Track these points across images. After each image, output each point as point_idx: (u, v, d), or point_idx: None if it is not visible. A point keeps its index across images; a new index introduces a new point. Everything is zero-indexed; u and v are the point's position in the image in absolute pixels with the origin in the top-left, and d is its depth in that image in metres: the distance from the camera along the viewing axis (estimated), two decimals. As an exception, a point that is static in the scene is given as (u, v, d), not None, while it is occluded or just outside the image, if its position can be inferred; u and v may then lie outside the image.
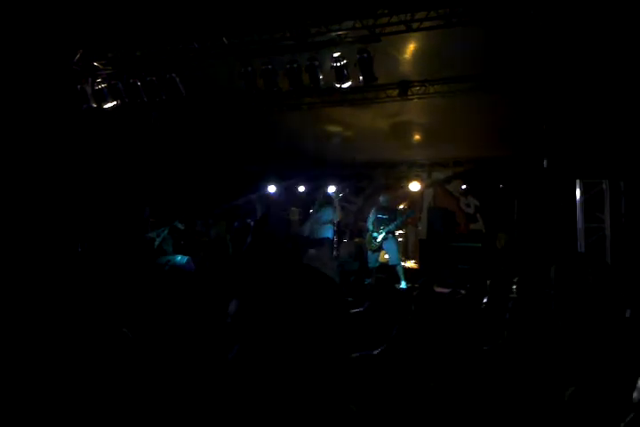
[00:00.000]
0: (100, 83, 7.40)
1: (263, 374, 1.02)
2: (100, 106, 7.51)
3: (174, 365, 2.34)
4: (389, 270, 8.68)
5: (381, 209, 9.05)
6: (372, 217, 9.08)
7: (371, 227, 8.97)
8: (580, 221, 8.12)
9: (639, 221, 7.65)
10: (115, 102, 7.49)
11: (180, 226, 8.42)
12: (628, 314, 3.67)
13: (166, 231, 8.17)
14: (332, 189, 11.12)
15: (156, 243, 8.09)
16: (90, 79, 7.37)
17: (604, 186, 8.09)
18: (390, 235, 8.73)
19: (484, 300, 4.13)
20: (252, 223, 7.69)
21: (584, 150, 7.68)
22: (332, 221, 9.54)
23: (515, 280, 6.71)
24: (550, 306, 3.96)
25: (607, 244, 7.91)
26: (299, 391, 1.01)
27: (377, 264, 8.96)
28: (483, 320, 3.78)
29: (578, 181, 8.25)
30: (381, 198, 9.22)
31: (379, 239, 8.74)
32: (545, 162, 7.98)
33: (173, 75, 7.22)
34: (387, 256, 9.14)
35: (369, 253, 8.98)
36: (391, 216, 8.90)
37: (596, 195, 8.12)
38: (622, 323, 3.10)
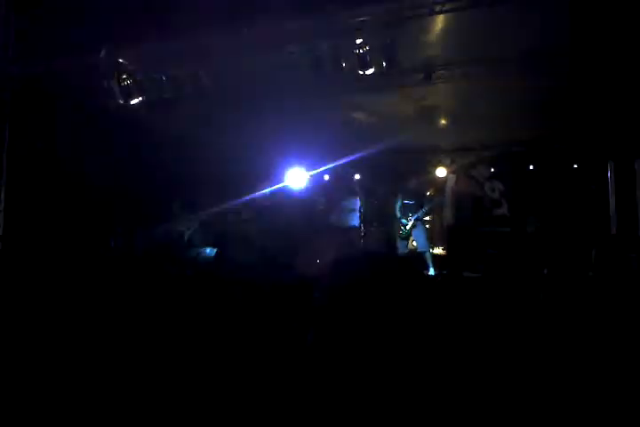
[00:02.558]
0: (126, 79, 7.42)
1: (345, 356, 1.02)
2: (127, 102, 7.53)
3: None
4: (419, 257, 8.66)
5: (407, 195, 8.99)
6: (398, 203, 9.03)
7: (398, 213, 8.93)
8: (612, 202, 8.00)
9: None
10: (140, 98, 7.52)
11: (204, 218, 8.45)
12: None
13: (197, 224, 8.24)
14: (356, 176, 11.06)
15: (187, 236, 8.16)
16: (116, 75, 7.39)
17: (635, 166, 7.95)
18: (419, 222, 8.68)
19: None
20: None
21: (615, 131, 7.53)
22: (358, 210, 9.52)
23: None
24: (591, 289, 3.92)
25: (640, 224, 7.78)
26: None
27: (406, 251, 8.93)
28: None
29: (609, 162, 8.12)
30: (409, 184, 9.16)
31: (408, 226, 8.70)
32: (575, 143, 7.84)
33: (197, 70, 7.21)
34: (415, 243, 9.10)
35: (398, 240, 8.95)
36: (418, 202, 8.84)
37: (628, 175, 7.99)
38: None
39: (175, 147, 9.15)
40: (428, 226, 10.15)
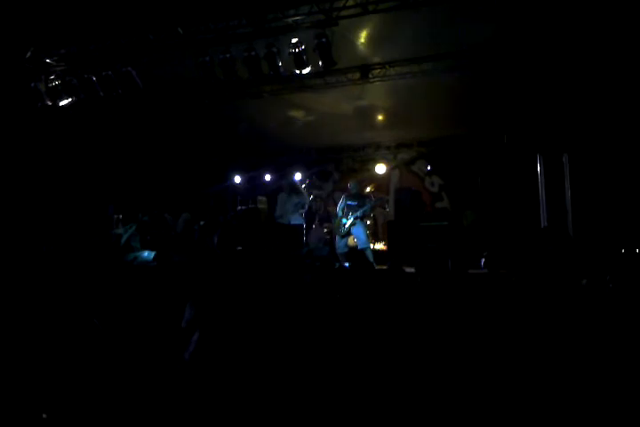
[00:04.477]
0: (53, 80, 7.19)
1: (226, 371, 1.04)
2: (55, 103, 7.31)
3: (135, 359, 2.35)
4: (359, 254, 8.75)
5: (351, 196, 9.07)
6: (341, 204, 9.10)
7: (340, 213, 9.01)
8: (542, 194, 8.35)
9: (597, 193, 7.90)
10: (70, 99, 7.30)
11: (145, 218, 8.28)
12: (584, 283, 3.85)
13: (134, 227, 8.06)
14: (298, 175, 11.10)
15: (123, 239, 7.98)
16: (43, 77, 7.15)
17: (563, 159, 8.32)
18: (358, 220, 8.77)
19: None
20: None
21: (542, 125, 7.85)
22: (301, 208, 9.55)
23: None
24: (520, 281, 4.08)
25: (569, 216, 8.17)
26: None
27: (346, 249, 9.01)
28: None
29: (538, 155, 8.45)
30: (350, 185, 9.23)
31: (347, 225, 8.80)
32: (505, 138, 8.12)
33: (129, 68, 7.07)
34: (355, 240, 9.21)
35: (337, 238, 9.03)
36: (360, 202, 8.93)
37: (556, 168, 8.36)
38: (579, 293, 3.24)
39: (109, 150, 8.94)
40: (369, 222, 10.29)
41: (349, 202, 8.96)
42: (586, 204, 8.02)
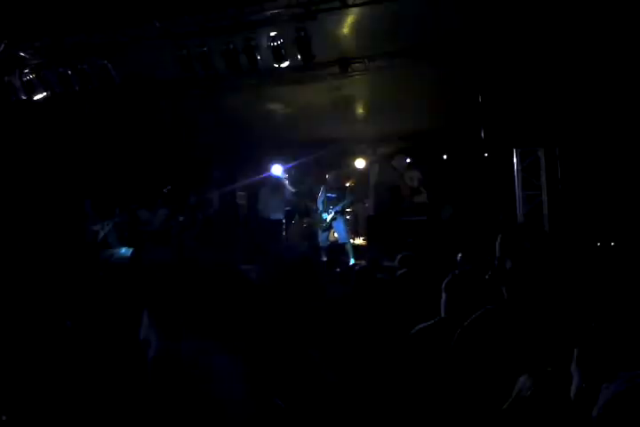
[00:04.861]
0: (28, 74, 7.06)
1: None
2: (29, 97, 7.18)
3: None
4: (340, 249, 8.79)
5: (330, 188, 9.08)
6: (321, 196, 9.11)
7: (321, 206, 9.01)
8: (519, 189, 8.44)
9: (574, 187, 8.02)
10: (45, 93, 7.17)
11: (119, 216, 8.18)
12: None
13: (111, 224, 7.98)
14: (276, 169, 11.07)
15: (101, 236, 7.89)
16: (17, 71, 7.01)
17: (539, 154, 8.42)
18: (339, 215, 8.79)
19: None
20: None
21: (519, 120, 7.92)
22: (281, 203, 9.56)
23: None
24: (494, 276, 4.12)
25: (544, 210, 8.28)
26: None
27: (327, 243, 9.04)
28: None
29: (515, 150, 8.53)
30: (329, 177, 9.24)
31: (328, 219, 8.81)
32: (482, 132, 8.17)
33: (105, 62, 6.96)
34: (336, 235, 9.24)
35: (319, 232, 9.05)
36: (340, 195, 8.95)
37: (533, 163, 8.45)
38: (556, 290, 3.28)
39: (85, 144, 8.80)
40: (348, 217, 10.32)
41: (329, 194, 8.98)
42: (562, 198, 8.13)
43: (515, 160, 8.49)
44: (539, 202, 8.29)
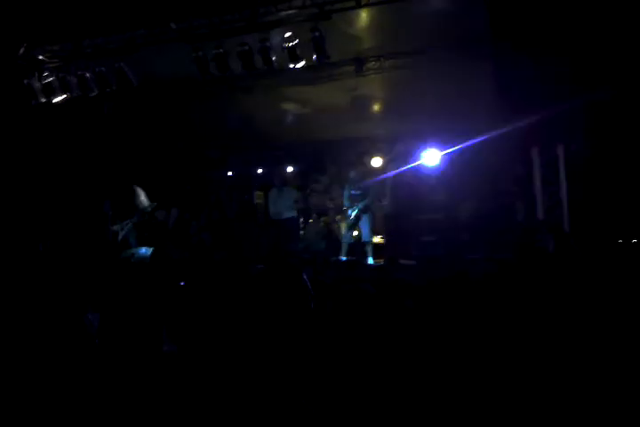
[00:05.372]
0: (47, 77, 7.17)
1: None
2: (49, 100, 7.29)
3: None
4: (361, 248, 8.82)
5: (354, 185, 9.07)
6: (346, 193, 9.11)
7: (347, 203, 9.00)
8: (538, 186, 8.35)
9: (594, 184, 7.91)
10: (64, 96, 7.28)
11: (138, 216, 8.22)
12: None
13: (131, 224, 8.05)
14: (290, 169, 11.10)
15: (120, 236, 7.97)
16: (36, 73, 7.13)
17: (558, 151, 8.32)
18: (364, 211, 8.75)
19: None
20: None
21: (537, 116, 7.84)
22: (296, 202, 9.57)
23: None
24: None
25: (564, 207, 8.18)
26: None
27: (351, 241, 9.03)
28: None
29: (533, 148, 8.45)
30: (352, 174, 9.23)
31: (352, 216, 8.81)
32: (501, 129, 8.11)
33: (122, 64, 7.04)
34: (356, 233, 9.22)
35: (345, 228, 9.07)
36: (364, 192, 8.93)
37: (551, 160, 8.35)
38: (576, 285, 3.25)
39: (103, 146, 8.91)
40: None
41: (353, 191, 8.97)
42: (581, 195, 8.03)
43: (533, 157, 8.40)
44: (558, 199, 8.19)
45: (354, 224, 8.90)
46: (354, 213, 8.78)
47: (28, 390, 2.06)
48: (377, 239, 10.98)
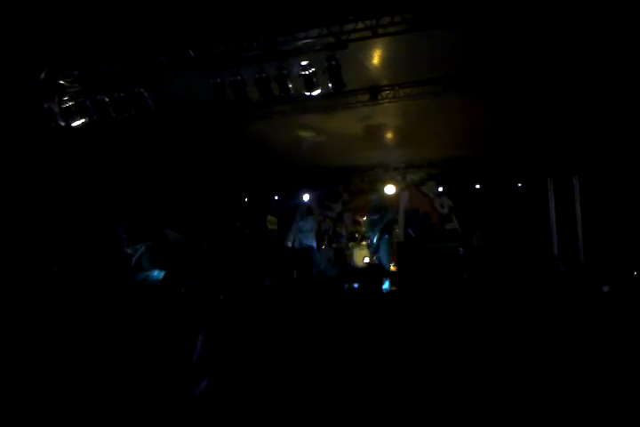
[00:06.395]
0: (67, 101, 7.30)
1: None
2: (68, 124, 7.41)
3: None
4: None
5: (372, 209, 9.05)
6: (366, 219, 9.10)
7: (368, 230, 8.98)
8: (553, 216, 8.30)
9: (609, 215, 7.83)
10: (83, 120, 7.40)
11: (152, 239, 8.25)
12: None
13: (144, 247, 8.07)
14: (306, 197, 11.11)
15: (134, 259, 7.99)
16: (57, 97, 7.27)
17: (574, 182, 8.29)
18: (385, 235, 8.70)
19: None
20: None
21: (553, 148, 7.84)
22: (313, 230, 9.56)
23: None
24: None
25: (579, 237, 8.10)
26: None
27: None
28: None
29: (549, 179, 8.43)
30: (372, 197, 9.22)
31: (374, 240, 8.76)
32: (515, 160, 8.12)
33: (142, 90, 7.16)
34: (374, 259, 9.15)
35: (370, 255, 9.02)
36: (382, 215, 8.90)
37: (567, 191, 8.32)
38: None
39: (120, 170, 9.02)
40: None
41: (372, 217, 8.93)
42: (597, 226, 7.95)
43: (549, 188, 8.37)
44: (574, 230, 8.12)
45: (377, 249, 8.83)
46: (375, 238, 8.72)
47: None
48: (390, 267, 10.93)
